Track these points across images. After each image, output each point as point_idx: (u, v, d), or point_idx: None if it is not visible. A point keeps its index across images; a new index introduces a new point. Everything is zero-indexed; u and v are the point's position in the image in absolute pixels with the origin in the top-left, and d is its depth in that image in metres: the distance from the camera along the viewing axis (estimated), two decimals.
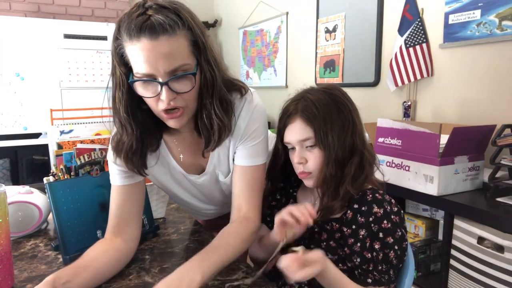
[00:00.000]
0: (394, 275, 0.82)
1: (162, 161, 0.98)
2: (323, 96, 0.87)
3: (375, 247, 0.80)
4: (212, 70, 0.82)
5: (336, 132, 0.84)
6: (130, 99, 0.83)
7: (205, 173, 0.99)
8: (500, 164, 1.38)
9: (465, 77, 1.77)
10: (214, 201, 1.10)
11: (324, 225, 0.88)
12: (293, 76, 3.02)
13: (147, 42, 0.73)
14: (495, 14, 1.60)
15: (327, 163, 0.85)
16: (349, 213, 0.84)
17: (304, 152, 0.87)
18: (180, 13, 0.77)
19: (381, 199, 0.83)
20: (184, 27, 0.77)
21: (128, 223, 0.95)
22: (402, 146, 1.57)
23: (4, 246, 0.81)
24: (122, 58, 0.80)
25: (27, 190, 1.15)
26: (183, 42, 0.77)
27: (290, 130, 0.89)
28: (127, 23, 0.75)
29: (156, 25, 0.73)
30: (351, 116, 0.87)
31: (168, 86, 0.77)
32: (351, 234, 0.83)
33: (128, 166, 0.90)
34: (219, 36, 4.14)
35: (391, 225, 0.81)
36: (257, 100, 0.95)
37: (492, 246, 1.27)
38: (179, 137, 0.96)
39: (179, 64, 0.76)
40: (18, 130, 3.08)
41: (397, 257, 0.81)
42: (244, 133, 0.92)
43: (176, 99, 0.80)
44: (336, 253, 0.86)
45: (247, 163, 0.94)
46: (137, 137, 0.87)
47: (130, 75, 0.80)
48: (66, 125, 1.48)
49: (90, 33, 3.24)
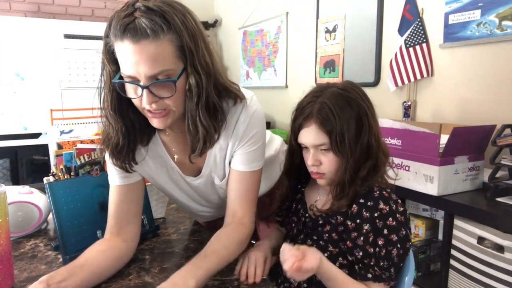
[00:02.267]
0: (394, 274, 0.82)
1: (160, 161, 0.98)
2: (339, 100, 0.85)
3: (379, 243, 0.80)
4: (199, 77, 0.79)
5: (352, 137, 0.84)
6: (118, 96, 0.83)
7: (201, 176, 0.99)
8: (500, 164, 1.38)
9: (465, 77, 1.77)
10: (210, 203, 1.09)
11: (329, 218, 0.88)
12: (293, 76, 3.02)
13: (130, 44, 0.73)
14: (495, 14, 1.60)
15: (344, 169, 0.85)
16: (354, 207, 0.84)
17: (318, 154, 0.88)
18: (169, 17, 0.74)
19: (387, 197, 0.83)
20: (170, 31, 0.75)
21: (127, 222, 0.95)
22: (402, 146, 1.57)
23: (4, 246, 0.81)
24: (112, 56, 0.80)
25: (27, 190, 1.15)
26: (167, 47, 0.75)
27: (305, 133, 0.88)
28: (115, 22, 0.74)
29: (138, 29, 0.72)
30: (367, 118, 0.86)
31: (149, 90, 0.77)
32: (355, 228, 0.83)
33: (115, 162, 0.90)
34: (219, 36, 4.14)
35: (396, 223, 0.81)
36: (256, 105, 0.94)
37: (492, 246, 1.27)
38: (175, 137, 0.96)
39: (160, 69, 0.75)
40: (18, 130, 3.07)
41: (399, 256, 0.81)
42: (243, 137, 0.92)
43: (158, 102, 0.79)
44: (338, 246, 0.87)
45: (244, 168, 0.94)
46: (123, 133, 0.86)
47: (118, 73, 0.80)
48: (66, 125, 1.48)
49: (90, 33, 3.24)
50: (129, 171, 0.93)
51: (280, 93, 3.17)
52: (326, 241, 0.88)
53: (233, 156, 0.95)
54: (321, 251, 0.86)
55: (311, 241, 0.91)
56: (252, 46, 3.50)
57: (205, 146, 0.86)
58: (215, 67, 0.84)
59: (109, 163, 0.94)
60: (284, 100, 3.07)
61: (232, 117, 0.91)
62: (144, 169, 0.98)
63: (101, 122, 0.88)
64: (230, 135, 0.92)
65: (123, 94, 0.81)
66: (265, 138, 0.99)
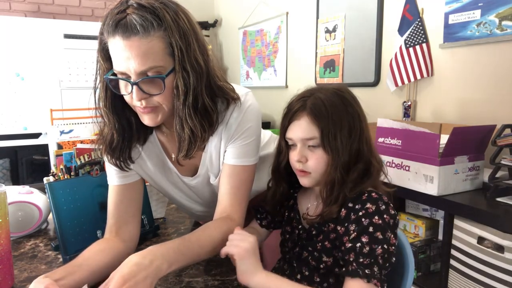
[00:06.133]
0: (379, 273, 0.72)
1: (157, 161, 0.98)
2: (334, 97, 0.83)
3: (362, 240, 0.74)
4: (188, 76, 0.78)
5: (344, 136, 0.81)
6: (113, 94, 0.84)
7: (198, 175, 0.99)
8: (500, 164, 1.38)
9: (465, 77, 1.77)
10: (208, 203, 1.09)
11: (321, 226, 0.85)
12: (293, 76, 3.02)
13: (121, 40, 0.74)
14: (495, 14, 1.60)
15: (335, 167, 0.81)
16: (343, 211, 0.81)
17: (306, 150, 0.84)
18: (160, 13, 0.75)
19: (376, 198, 0.79)
20: (161, 28, 0.75)
21: (126, 222, 0.95)
22: (402, 146, 1.57)
23: (4, 246, 0.81)
24: (106, 53, 0.81)
25: (27, 190, 1.15)
26: (158, 44, 0.75)
27: (294, 126, 0.85)
28: (108, 18, 0.76)
29: (129, 25, 0.73)
30: (359, 121, 0.84)
31: (138, 86, 0.77)
32: (344, 232, 0.79)
33: (109, 159, 0.91)
34: (219, 36, 4.14)
35: (382, 222, 0.75)
36: (251, 100, 0.93)
37: (492, 246, 1.27)
38: (172, 137, 0.95)
39: (149, 65, 0.75)
40: (18, 130, 3.07)
41: (384, 258, 0.73)
42: (235, 132, 0.91)
43: (148, 100, 0.80)
44: (332, 254, 0.83)
45: (236, 162, 0.93)
46: (118, 130, 0.87)
47: (111, 70, 0.81)
48: (66, 125, 1.48)
49: (90, 33, 3.23)
50: (125, 169, 0.92)
51: (280, 93, 3.17)
52: (320, 251, 0.84)
53: (225, 150, 0.94)
54: (316, 262, 0.84)
55: (307, 253, 0.87)
56: (252, 46, 3.50)
57: (190, 147, 0.84)
58: (209, 68, 0.83)
59: (106, 162, 0.94)
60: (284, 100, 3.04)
61: (226, 115, 0.90)
62: (142, 168, 0.98)
63: (97, 122, 0.89)
64: (223, 132, 0.92)
65: (115, 91, 0.82)
66: (260, 134, 0.98)
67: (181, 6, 0.81)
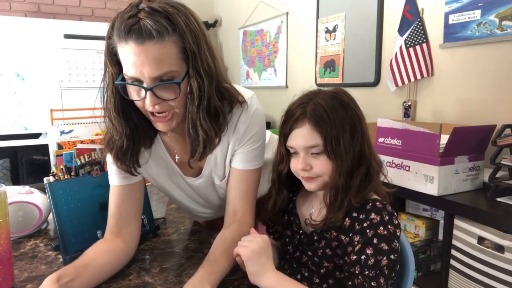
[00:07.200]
0: (385, 284, 0.73)
1: (161, 162, 0.98)
2: (333, 101, 0.82)
3: (367, 252, 0.74)
4: (201, 80, 0.79)
5: (347, 140, 0.80)
6: (122, 98, 0.82)
7: (201, 176, 0.99)
8: (500, 164, 1.38)
9: (465, 77, 1.77)
10: (210, 204, 1.09)
11: (323, 233, 0.85)
12: (293, 76, 3.02)
13: (134, 46, 0.73)
14: (495, 14, 1.60)
15: (339, 173, 0.80)
16: (347, 220, 0.80)
17: (309, 158, 0.83)
18: (173, 18, 0.74)
19: (381, 208, 0.78)
20: (175, 33, 0.74)
21: (127, 223, 0.95)
22: (402, 146, 1.57)
23: (4, 246, 0.81)
24: (114, 57, 0.80)
25: (27, 190, 1.15)
26: (172, 48, 0.75)
27: (296, 135, 0.83)
28: (119, 23, 0.74)
29: (143, 30, 0.72)
30: (359, 123, 0.83)
31: (152, 91, 0.76)
32: (349, 242, 0.79)
33: (120, 165, 0.90)
34: (219, 36, 4.14)
35: (387, 232, 0.75)
36: (256, 104, 0.94)
37: (492, 246, 1.27)
38: (176, 138, 0.96)
39: (164, 71, 0.75)
40: (18, 130, 3.07)
41: (389, 268, 0.73)
42: (243, 137, 0.92)
43: (161, 104, 0.79)
44: (332, 261, 0.83)
45: (245, 167, 0.94)
46: (128, 136, 0.86)
47: (120, 75, 0.79)
48: (66, 125, 1.48)
49: (90, 33, 3.23)
50: (134, 174, 0.93)
51: (280, 93, 3.17)
52: (320, 257, 0.84)
53: (233, 155, 0.95)
54: (316, 267, 0.84)
55: (306, 257, 0.87)
56: (252, 46, 3.50)
57: (204, 151, 0.85)
58: (218, 70, 0.83)
59: (111, 164, 0.94)
60: (284, 100, 3.05)
61: (233, 118, 0.91)
62: (146, 170, 0.98)
63: (104, 122, 0.88)
64: (231, 135, 0.92)
65: (125, 96, 0.80)
66: (265, 137, 0.99)
67: (189, 9, 0.80)
